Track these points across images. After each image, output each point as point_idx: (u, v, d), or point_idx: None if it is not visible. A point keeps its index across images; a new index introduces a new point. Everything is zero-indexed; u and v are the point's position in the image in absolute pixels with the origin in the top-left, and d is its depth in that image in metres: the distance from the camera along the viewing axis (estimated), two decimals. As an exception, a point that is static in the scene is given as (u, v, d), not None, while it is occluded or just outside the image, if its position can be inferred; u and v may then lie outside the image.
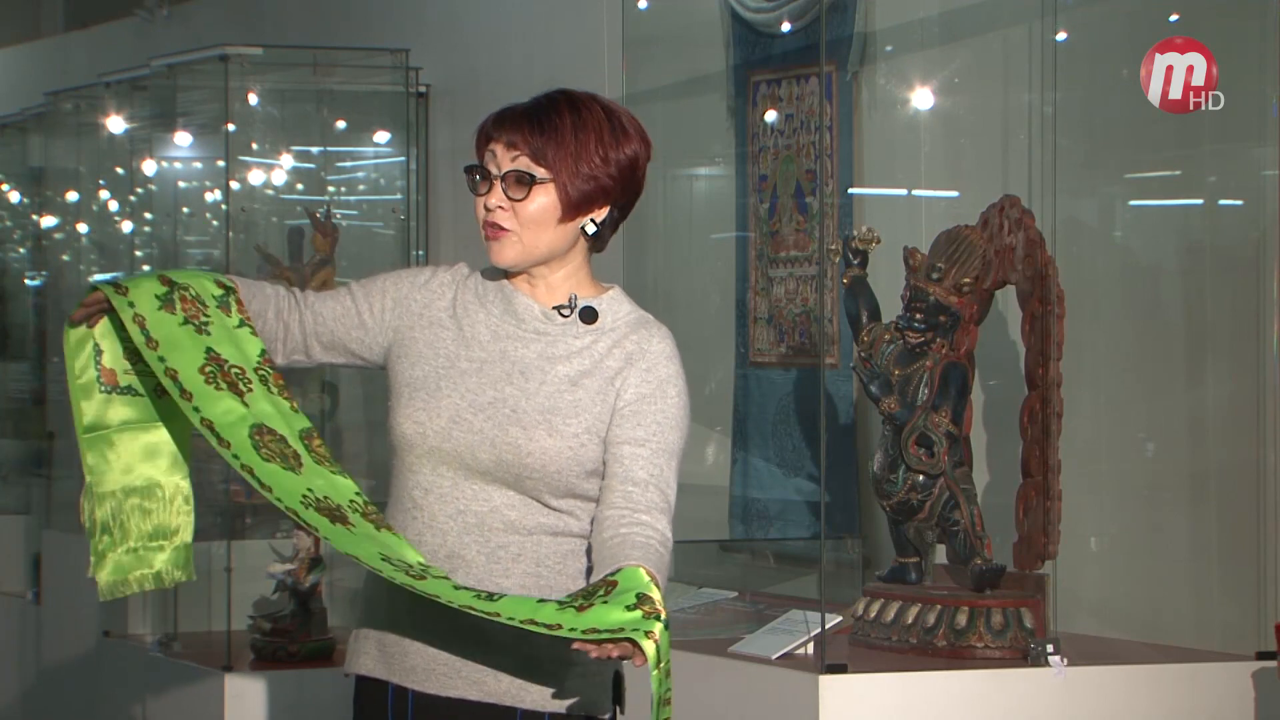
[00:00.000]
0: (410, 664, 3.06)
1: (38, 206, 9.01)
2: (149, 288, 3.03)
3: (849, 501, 5.13)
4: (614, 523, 2.97)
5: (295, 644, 6.14)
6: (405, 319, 3.16)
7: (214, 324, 3.04)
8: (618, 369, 3.07)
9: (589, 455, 3.03)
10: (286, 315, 3.17)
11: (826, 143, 5.25)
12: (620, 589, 2.79)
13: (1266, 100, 4.53)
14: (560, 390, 3.05)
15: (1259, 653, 4.33)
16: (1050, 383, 4.40)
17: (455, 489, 3.05)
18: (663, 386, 3.07)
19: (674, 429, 3.05)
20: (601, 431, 3.04)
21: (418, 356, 3.12)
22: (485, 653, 3.03)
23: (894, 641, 4.37)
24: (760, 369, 5.49)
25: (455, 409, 3.06)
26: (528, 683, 3.04)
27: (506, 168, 3.08)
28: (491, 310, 3.14)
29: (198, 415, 2.95)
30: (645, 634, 2.71)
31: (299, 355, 3.20)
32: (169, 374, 2.97)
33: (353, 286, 3.22)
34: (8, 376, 9.06)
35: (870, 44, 5.20)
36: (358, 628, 3.17)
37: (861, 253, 4.51)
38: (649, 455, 3.02)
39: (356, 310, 3.18)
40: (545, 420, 3.03)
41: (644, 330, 3.11)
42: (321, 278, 6.59)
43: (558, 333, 3.11)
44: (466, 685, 3.04)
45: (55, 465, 8.13)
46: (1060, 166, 4.72)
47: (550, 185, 3.09)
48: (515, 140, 3.08)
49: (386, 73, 6.82)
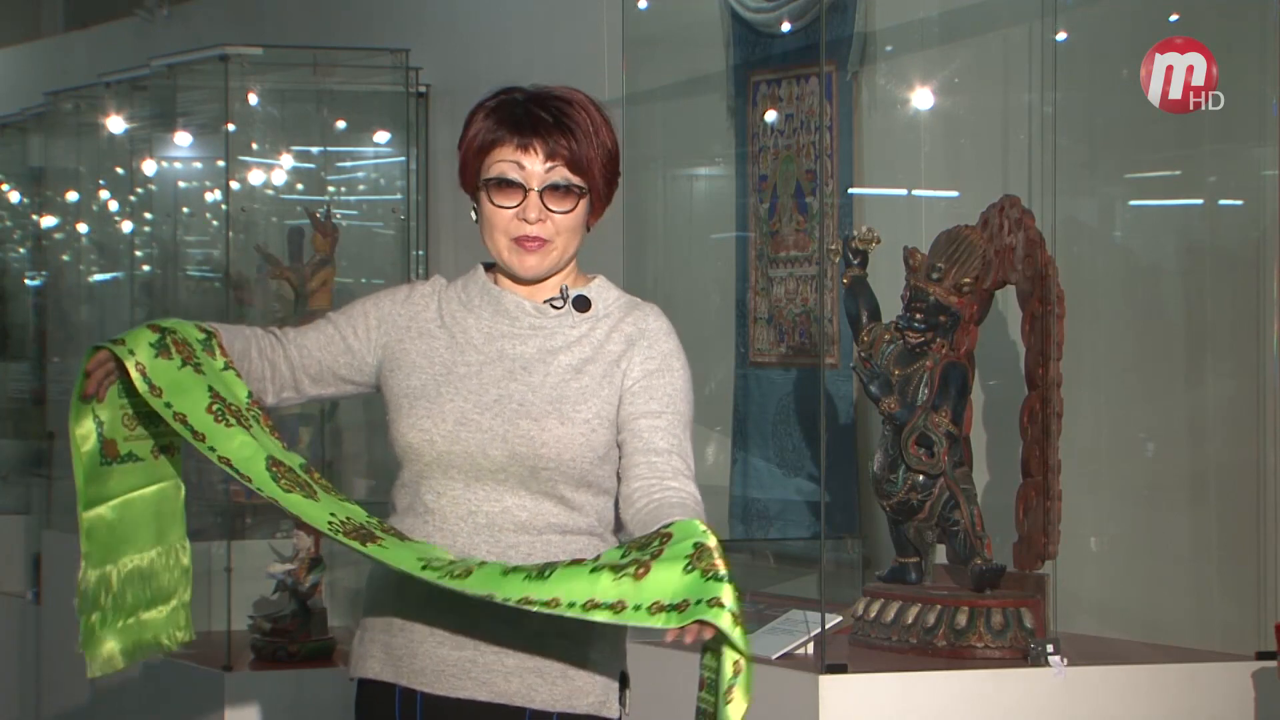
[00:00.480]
0: (419, 666, 3.06)
1: (38, 206, 9.01)
2: (143, 337, 3.02)
3: (849, 501, 5.13)
4: (645, 492, 3.00)
5: (295, 644, 6.15)
6: (393, 334, 3.15)
7: (204, 365, 3.04)
8: (620, 352, 3.09)
9: (600, 440, 3.05)
10: (270, 354, 3.16)
11: (826, 143, 5.25)
12: (676, 539, 2.75)
13: (1266, 100, 4.53)
14: (565, 379, 3.06)
15: (1259, 653, 4.33)
16: (1050, 383, 4.40)
17: (466, 491, 3.05)
18: (667, 360, 3.10)
19: (684, 399, 3.10)
20: (610, 415, 3.06)
21: (412, 367, 3.11)
22: (496, 653, 3.03)
23: (894, 641, 4.37)
24: (760, 369, 5.49)
25: (460, 411, 3.05)
26: (538, 683, 3.04)
27: (547, 180, 3.06)
28: (481, 314, 3.14)
29: (215, 454, 2.95)
30: (709, 604, 2.67)
31: (289, 392, 3.18)
32: (178, 418, 2.96)
33: (331, 316, 3.21)
34: (8, 376, 9.06)
35: (870, 44, 5.20)
36: (361, 631, 3.16)
37: (861, 253, 4.51)
38: (666, 425, 3.06)
39: (340, 336, 3.17)
40: (555, 409, 3.04)
41: (638, 311, 3.14)
42: (321, 278, 6.59)
43: (554, 325, 3.12)
44: (476, 686, 3.03)
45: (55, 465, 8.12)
46: (1060, 166, 4.72)
47: (587, 194, 3.09)
48: (553, 150, 3.06)
49: (386, 73, 6.82)
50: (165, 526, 3.17)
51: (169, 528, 3.18)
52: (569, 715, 3.05)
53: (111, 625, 3.13)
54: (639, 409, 3.07)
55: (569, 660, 3.04)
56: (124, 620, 3.14)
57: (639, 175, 5.80)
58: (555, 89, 3.13)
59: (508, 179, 3.07)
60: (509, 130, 3.07)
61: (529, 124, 3.07)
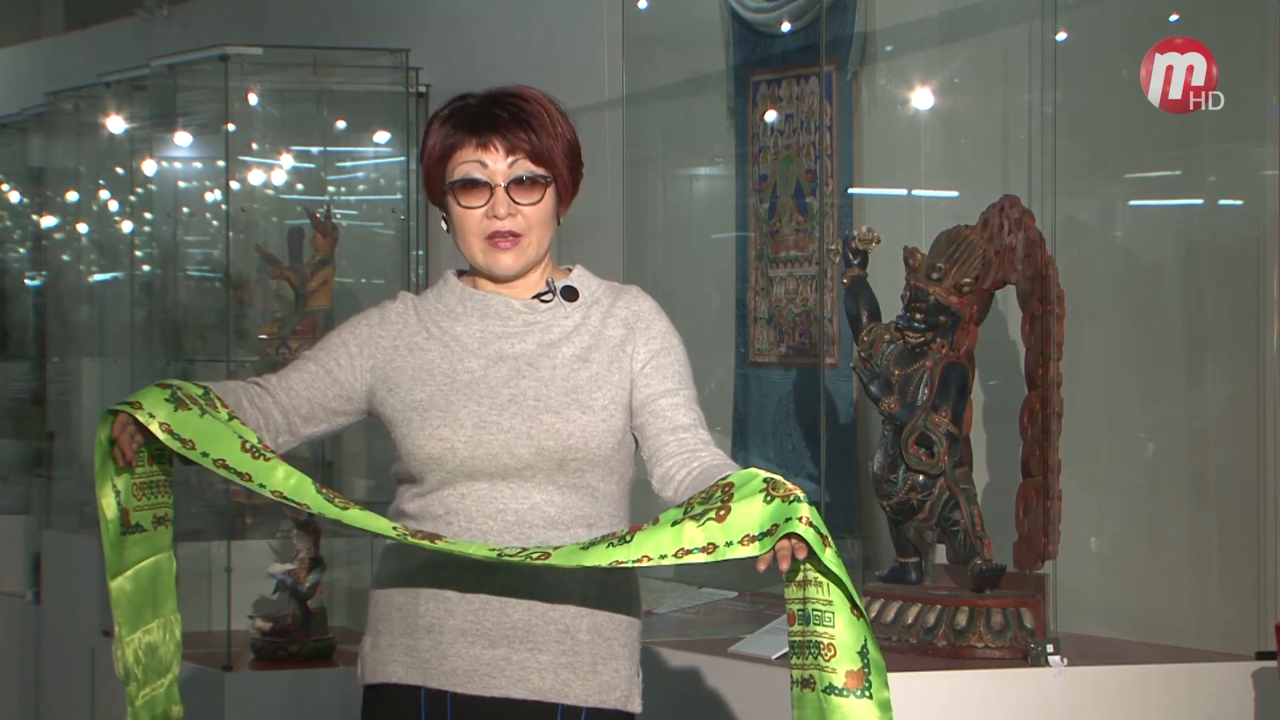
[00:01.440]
0: (450, 667, 3.05)
1: (38, 206, 9.01)
2: (156, 394, 2.99)
3: (849, 501, 5.13)
4: (683, 464, 3.04)
5: (295, 644, 6.15)
6: (379, 355, 3.15)
7: (214, 416, 3.02)
8: (622, 336, 3.12)
9: (618, 425, 3.08)
10: (260, 402, 3.14)
11: (826, 143, 5.25)
12: (740, 484, 2.79)
13: (1266, 100, 4.53)
14: (574, 369, 3.08)
15: (1259, 653, 4.33)
16: (1050, 383, 4.39)
17: (492, 490, 3.06)
18: (667, 338, 3.15)
19: (689, 373, 3.17)
20: (623, 400, 3.08)
21: (412, 382, 3.11)
22: (530, 650, 3.04)
23: (894, 641, 4.36)
24: (760, 369, 5.49)
25: (476, 416, 3.05)
26: (571, 678, 3.05)
27: (511, 174, 3.08)
28: (469, 320, 3.14)
29: (266, 489, 2.94)
30: (799, 520, 2.72)
31: (284, 436, 3.16)
32: (219, 464, 2.95)
33: (309, 354, 3.19)
34: (8, 376, 9.06)
35: (870, 44, 5.20)
36: (374, 636, 3.15)
37: (861, 253, 4.51)
38: (685, 402, 3.11)
39: (324, 370, 3.16)
40: (573, 400, 3.05)
41: (626, 295, 3.18)
42: (321, 278, 6.59)
43: (548, 319, 3.13)
44: (511, 684, 3.04)
45: (55, 465, 8.13)
46: (1060, 166, 4.72)
47: (552, 183, 3.11)
48: (513, 144, 3.08)
49: (386, 73, 6.82)
50: (161, 598, 3.17)
51: (164, 600, 3.17)
52: (598, 710, 3.06)
53: (142, 695, 3.13)
54: (655, 389, 3.10)
55: (598, 654, 3.06)
56: (149, 692, 3.15)
57: (639, 175, 5.80)
58: (507, 87, 3.15)
59: (472, 178, 3.09)
60: (466, 132, 3.10)
61: (486, 122, 3.09)
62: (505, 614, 3.03)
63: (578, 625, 3.04)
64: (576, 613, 3.05)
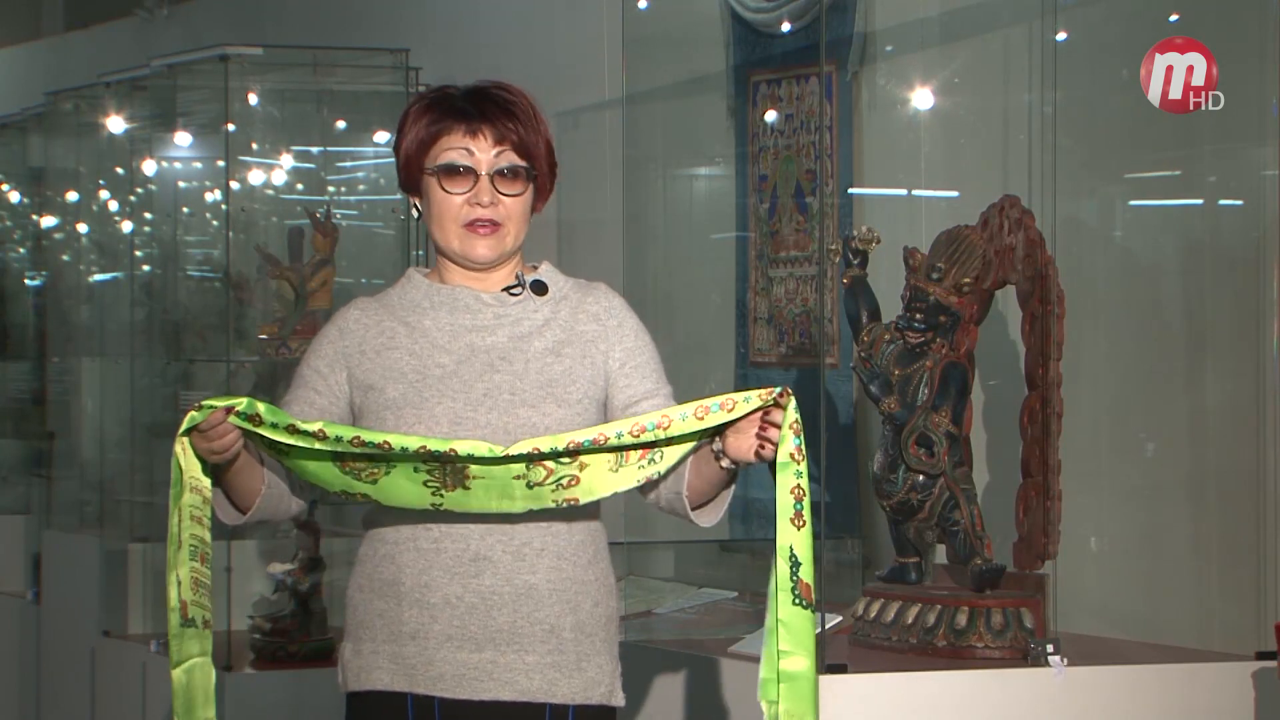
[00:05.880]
0: (437, 672, 3.05)
1: (38, 206, 9.01)
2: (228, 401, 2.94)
3: (849, 501, 5.13)
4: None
5: (295, 644, 6.15)
6: (350, 363, 3.13)
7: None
8: (595, 333, 3.12)
9: (592, 419, 3.09)
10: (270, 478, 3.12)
11: (826, 143, 5.26)
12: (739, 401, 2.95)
13: (1266, 100, 4.53)
14: (547, 362, 3.08)
15: (1259, 653, 4.33)
16: (1050, 383, 4.39)
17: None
18: (640, 336, 3.17)
19: (663, 369, 3.20)
20: (596, 396, 3.09)
21: (384, 381, 3.10)
22: (517, 652, 3.04)
23: (894, 641, 4.37)
24: (760, 369, 5.49)
25: (451, 411, 3.05)
26: (557, 677, 3.05)
27: (497, 164, 3.08)
28: (437, 314, 3.13)
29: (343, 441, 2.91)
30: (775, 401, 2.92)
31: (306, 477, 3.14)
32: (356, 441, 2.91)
33: (288, 398, 3.16)
34: (8, 376, 9.05)
35: (870, 44, 5.20)
36: (355, 644, 3.14)
37: (861, 253, 4.51)
38: (664, 401, 3.13)
39: (309, 405, 3.13)
40: (548, 393, 3.05)
41: (595, 291, 3.19)
42: (321, 278, 6.58)
43: (517, 312, 3.13)
44: (499, 686, 3.04)
45: (55, 465, 8.12)
46: (1060, 166, 4.72)
47: (534, 178, 3.12)
48: (502, 135, 3.09)
49: (386, 73, 6.82)
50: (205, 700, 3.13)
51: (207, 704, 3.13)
52: (585, 707, 3.07)
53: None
54: (636, 391, 3.12)
55: (582, 651, 3.06)
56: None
57: (639, 175, 5.80)
58: (492, 80, 3.16)
59: (458, 164, 3.08)
60: (455, 119, 3.10)
61: (475, 111, 3.10)
62: (491, 617, 3.02)
63: (562, 624, 3.04)
64: (560, 611, 3.05)
